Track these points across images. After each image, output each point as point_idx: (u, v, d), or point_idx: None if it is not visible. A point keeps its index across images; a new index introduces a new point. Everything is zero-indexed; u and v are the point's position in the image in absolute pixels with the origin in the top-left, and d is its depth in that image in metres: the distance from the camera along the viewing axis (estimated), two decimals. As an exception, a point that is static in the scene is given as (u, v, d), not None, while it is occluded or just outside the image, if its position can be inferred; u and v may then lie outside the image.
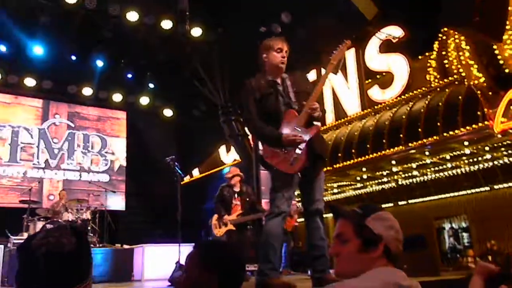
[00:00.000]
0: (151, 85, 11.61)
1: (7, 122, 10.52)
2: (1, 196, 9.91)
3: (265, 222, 3.55)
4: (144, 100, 11.77)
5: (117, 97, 11.56)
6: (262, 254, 3.43)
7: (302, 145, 3.32)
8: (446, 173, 10.92)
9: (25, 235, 8.11)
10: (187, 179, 12.83)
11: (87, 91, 11.12)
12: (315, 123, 3.40)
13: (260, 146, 3.70)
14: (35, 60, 10.07)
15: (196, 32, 9.27)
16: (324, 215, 3.51)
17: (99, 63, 10.61)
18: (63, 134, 11.18)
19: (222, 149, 13.41)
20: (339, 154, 10.76)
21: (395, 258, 1.50)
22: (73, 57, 10.36)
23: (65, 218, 8.17)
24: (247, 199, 6.46)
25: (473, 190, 10.69)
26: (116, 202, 10.75)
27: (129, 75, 11.24)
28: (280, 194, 3.40)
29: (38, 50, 9.89)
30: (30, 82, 10.47)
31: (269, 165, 3.46)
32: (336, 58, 3.69)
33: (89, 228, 8.48)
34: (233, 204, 6.47)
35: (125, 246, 8.73)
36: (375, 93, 10.90)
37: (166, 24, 9.08)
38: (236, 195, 6.49)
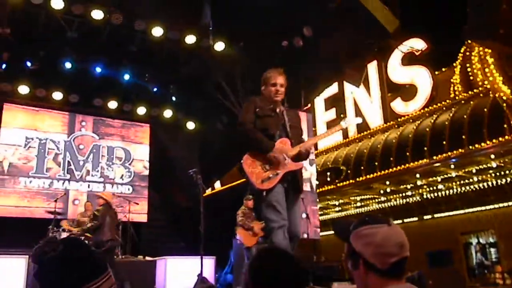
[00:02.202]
0: (174, 98, 11.77)
1: (34, 135, 10.79)
2: (27, 207, 10.14)
3: (270, 240, 3.62)
4: (168, 113, 11.93)
5: (141, 110, 11.75)
6: None
7: (280, 172, 3.56)
8: (472, 186, 10.70)
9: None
10: (209, 191, 12.89)
11: (112, 104, 11.35)
12: (302, 162, 3.73)
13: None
14: (62, 75, 10.37)
15: (219, 46, 9.40)
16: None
17: (125, 77, 10.85)
18: (88, 146, 11.40)
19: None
20: (362, 167, 10.67)
21: (398, 274, 1.43)
22: (99, 71, 10.62)
23: (89, 229, 8.28)
24: None
25: (500, 204, 10.43)
26: (139, 214, 10.87)
27: (153, 89, 11.43)
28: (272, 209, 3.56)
29: (66, 65, 10.21)
30: (57, 95, 10.75)
31: (243, 171, 3.67)
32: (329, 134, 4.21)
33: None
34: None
35: (148, 258, 8.80)
36: (398, 105, 10.82)
37: (190, 39, 9.24)
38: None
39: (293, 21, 8.83)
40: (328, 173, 12.01)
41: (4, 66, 9.85)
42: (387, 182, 10.82)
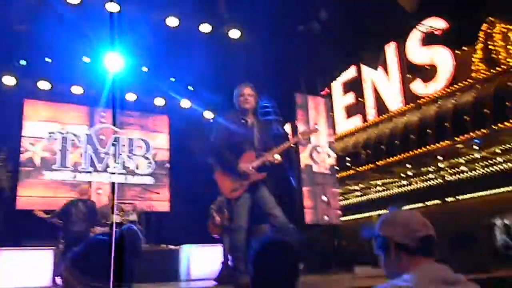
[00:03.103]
0: (191, 89, 11.81)
1: (56, 129, 11.00)
2: (52, 197, 10.36)
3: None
4: (185, 104, 11.99)
5: (159, 102, 11.86)
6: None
7: (246, 183, 4.18)
8: (496, 167, 10.48)
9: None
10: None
11: (130, 96, 11.46)
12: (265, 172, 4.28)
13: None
14: (81, 69, 10.51)
15: (234, 34, 9.35)
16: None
17: (143, 69, 10.94)
18: (108, 138, 11.57)
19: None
20: (382, 151, 10.56)
21: (427, 252, 1.50)
22: (116, 64, 10.71)
23: (113, 220, 8.44)
24: None
25: (526, 185, 10.21)
26: (161, 203, 11.01)
27: (170, 80, 11.49)
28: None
29: (84, 59, 10.33)
30: (77, 90, 10.90)
31: (216, 182, 4.35)
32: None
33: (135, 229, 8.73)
34: None
35: (171, 247, 8.93)
36: (418, 87, 10.63)
37: (205, 28, 9.21)
38: None
39: (308, 6, 8.71)
40: (348, 158, 11.92)
41: (24, 62, 10.02)
42: (408, 165, 10.68)
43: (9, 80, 9.98)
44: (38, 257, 7.40)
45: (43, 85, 10.45)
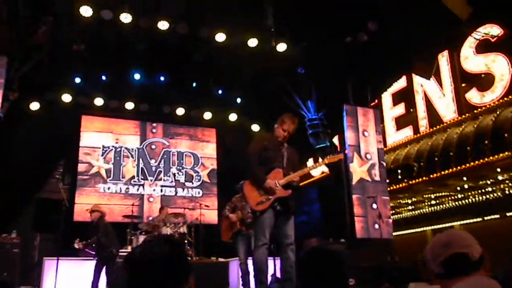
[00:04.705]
0: (239, 101, 11.94)
1: (110, 143, 11.43)
2: (107, 212, 10.71)
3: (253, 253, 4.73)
4: (233, 117, 12.13)
5: (207, 115, 12.06)
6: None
7: (272, 198, 4.50)
8: (562, 180, 9.84)
9: (129, 248, 8.68)
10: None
11: (180, 111, 11.74)
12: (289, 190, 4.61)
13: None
14: (132, 85, 10.92)
15: (282, 47, 9.38)
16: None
17: (191, 84, 11.23)
18: (159, 152, 11.88)
19: (310, 162, 13.30)
20: (436, 163, 10.17)
21: (455, 273, 1.48)
22: (165, 79, 11.06)
23: (164, 232, 8.59)
24: None
25: None
26: (210, 216, 11.12)
27: (218, 92, 11.68)
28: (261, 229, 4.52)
29: (136, 76, 10.74)
30: (129, 105, 11.30)
31: (243, 193, 4.71)
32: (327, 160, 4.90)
33: (185, 241, 8.84)
34: None
35: (220, 259, 8.96)
36: (474, 96, 10.20)
37: (252, 42, 9.30)
38: None
39: (357, 17, 8.62)
40: (399, 171, 11.57)
41: (79, 80, 10.51)
42: (464, 178, 10.21)
43: (67, 98, 10.49)
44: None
45: (98, 101, 10.92)
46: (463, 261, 1.46)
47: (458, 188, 10.98)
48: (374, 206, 8.50)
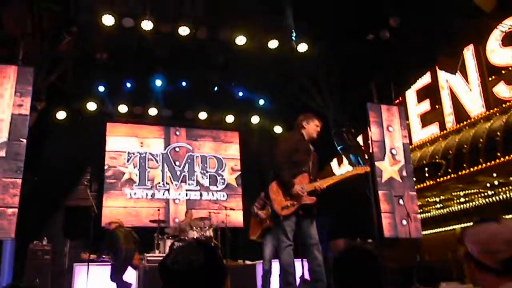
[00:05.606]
0: (261, 103, 11.93)
1: (135, 149, 11.58)
2: (134, 217, 10.84)
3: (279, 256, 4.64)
4: (255, 119, 12.12)
5: (230, 119, 12.09)
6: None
7: (297, 204, 4.43)
8: None
9: (157, 252, 8.75)
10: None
11: (202, 115, 11.81)
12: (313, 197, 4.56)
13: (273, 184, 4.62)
14: (155, 91, 11.05)
15: (302, 47, 9.32)
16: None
17: (212, 88, 11.29)
18: (183, 157, 11.96)
19: (334, 162, 13.18)
20: (464, 160, 9.93)
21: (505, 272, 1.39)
22: (187, 84, 11.16)
23: (190, 236, 8.63)
24: None
25: None
26: (235, 217, 11.11)
27: (240, 95, 11.70)
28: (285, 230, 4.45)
29: (158, 82, 10.86)
30: (152, 111, 11.43)
31: (268, 195, 4.57)
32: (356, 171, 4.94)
33: (212, 244, 8.86)
34: None
35: (247, 262, 8.94)
36: (501, 90, 9.94)
37: (273, 44, 9.28)
38: None
39: (378, 14, 8.50)
40: (426, 169, 11.35)
41: (103, 89, 10.69)
42: (494, 174, 9.94)
43: (92, 106, 10.67)
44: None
45: (122, 108, 11.09)
46: None
47: (488, 185, 10.71)
48: (401, 202, 8.34)
